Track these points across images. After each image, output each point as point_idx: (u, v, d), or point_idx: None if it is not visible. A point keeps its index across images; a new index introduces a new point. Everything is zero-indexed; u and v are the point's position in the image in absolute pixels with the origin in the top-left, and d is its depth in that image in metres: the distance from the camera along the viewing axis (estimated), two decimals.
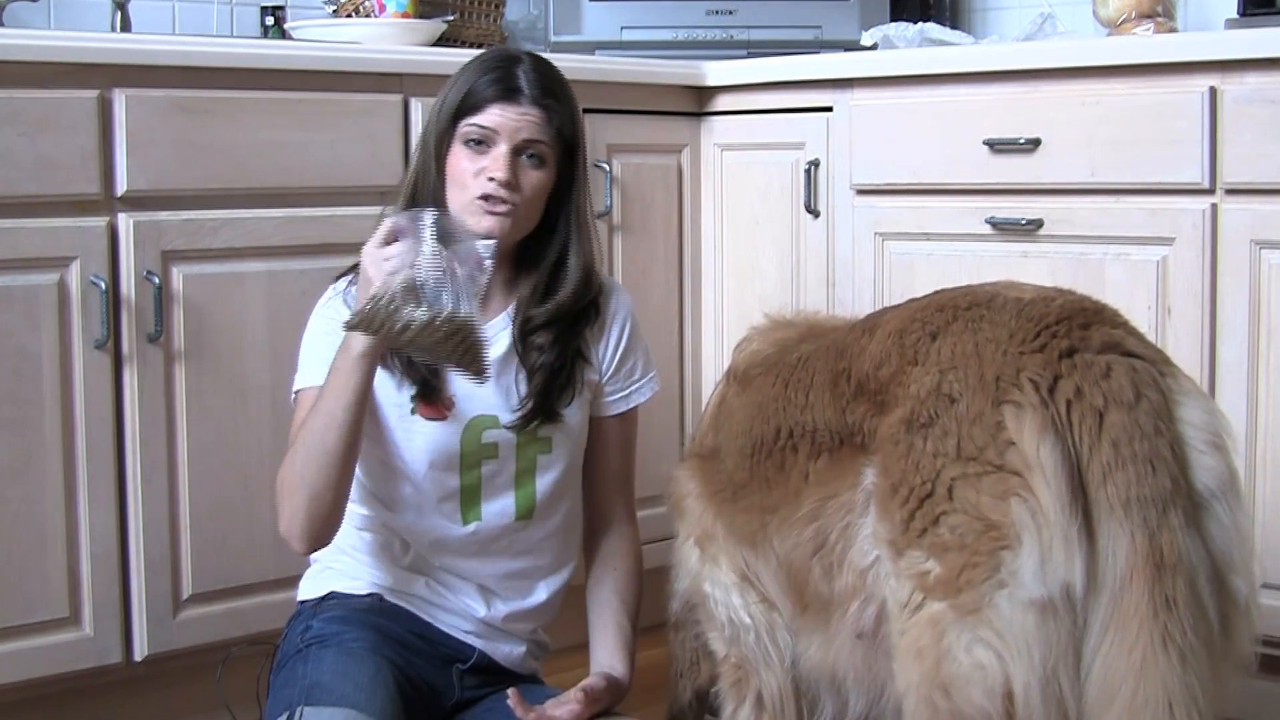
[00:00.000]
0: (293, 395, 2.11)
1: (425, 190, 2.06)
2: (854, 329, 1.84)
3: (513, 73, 2.05)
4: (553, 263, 2.11)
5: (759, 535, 1.87)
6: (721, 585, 1.95)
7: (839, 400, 1.77)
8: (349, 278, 2.10)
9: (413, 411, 2.07)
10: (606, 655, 2.13)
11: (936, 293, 1.79)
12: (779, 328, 2.11)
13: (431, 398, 2.06)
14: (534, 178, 2.05)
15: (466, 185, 2.03)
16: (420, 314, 1.76)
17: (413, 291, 1.75)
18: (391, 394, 2.07)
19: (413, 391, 2.07)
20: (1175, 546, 1.50)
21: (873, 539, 1.68)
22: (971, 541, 1.54)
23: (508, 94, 2.03)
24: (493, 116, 2.02)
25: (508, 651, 2.15)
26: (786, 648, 1.91)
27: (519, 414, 2.09)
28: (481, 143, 2.03)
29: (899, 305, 1.84)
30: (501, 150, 2.02)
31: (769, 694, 1.94)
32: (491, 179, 2.01)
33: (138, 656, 2.41)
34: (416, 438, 2.07)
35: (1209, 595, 1.53)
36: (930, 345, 1.66)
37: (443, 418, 2.07)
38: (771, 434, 1.86)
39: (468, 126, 2.03)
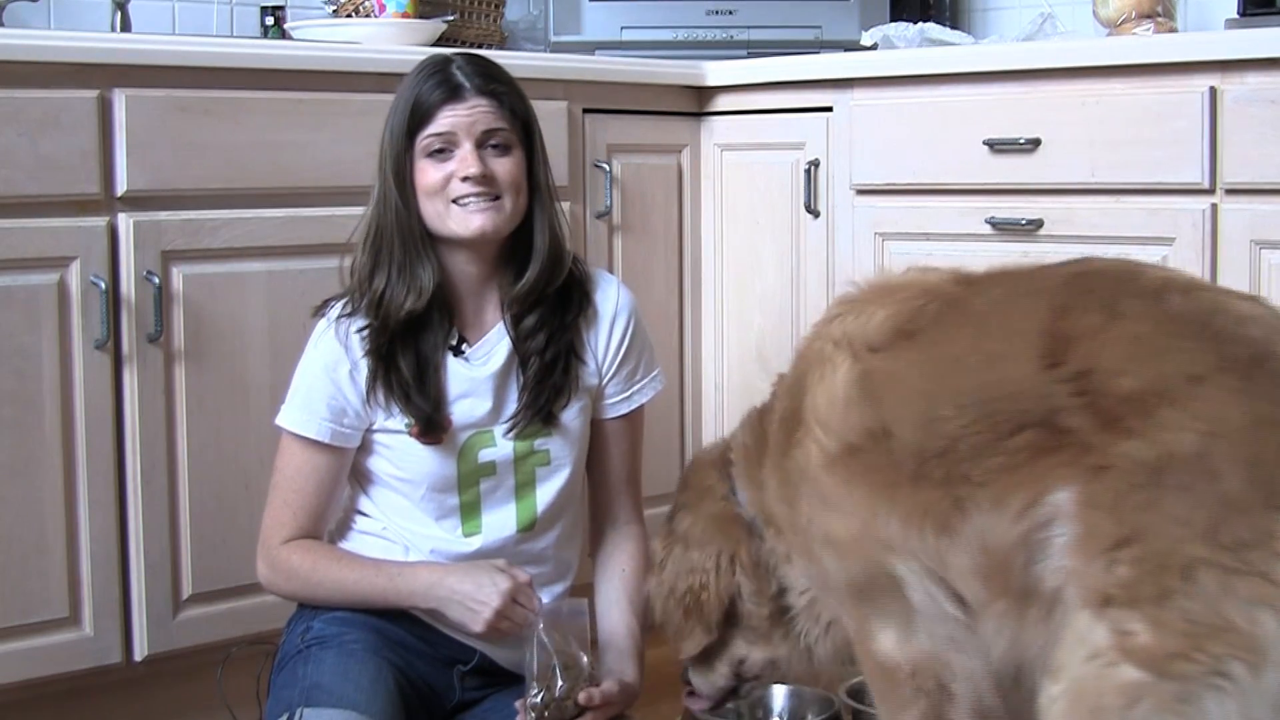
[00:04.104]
0: (279, 425, 2.10)
1: (390, 222, 2.04)
2: (1070, 288, 1.65)
3: (449, 72, 2.04)
4: (523, 243, 2.10)
5: (954, 516, 1.66)
6: (919, 575, 1.73)
7: (1046, 369, 1.61)
8: (339, 306, 2.09)
9: (408, 432, 2.07)
10: (617, 659, 2.11)
11: (1190, 293, 1.63)
12: (889, 293, 1.84)
13: (433, 429, 2.06)
14: (506, 165, 2.04)
15: (438, 193, 2.02)
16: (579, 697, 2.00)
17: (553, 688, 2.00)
18: (384, 415, 2.08)
19: (407, 421, 2.06)
20: None
21: (1064, 571, 1.56)
22: (1199, 632, 1.46)
23: (452, 93, 2.02)
24: (445, 120, 2.01)
25: (509, 654, 2.14)
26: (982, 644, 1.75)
27: (516, 412, 2.09)
28: (443, 150, 2.02)
29: (1128, 282, 1.64)
30: (465, 149, 2.01)
31: (969, 683, 1.77)
32: (465, 178, 2.00)
33: (138, 656, 2.41)
34: (412, 459, 2.08)
35: None
36: (1188, 389, 1.52)
37: (438, 441, 2.07)
38: (977, 388, 1.65)
39: (425, 139, 2.02)
